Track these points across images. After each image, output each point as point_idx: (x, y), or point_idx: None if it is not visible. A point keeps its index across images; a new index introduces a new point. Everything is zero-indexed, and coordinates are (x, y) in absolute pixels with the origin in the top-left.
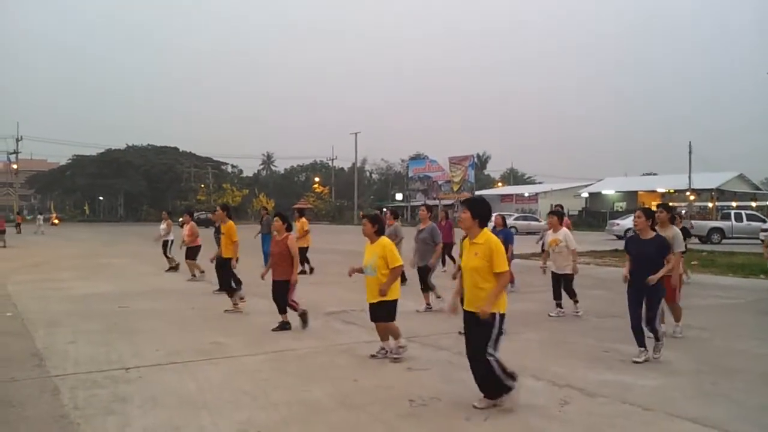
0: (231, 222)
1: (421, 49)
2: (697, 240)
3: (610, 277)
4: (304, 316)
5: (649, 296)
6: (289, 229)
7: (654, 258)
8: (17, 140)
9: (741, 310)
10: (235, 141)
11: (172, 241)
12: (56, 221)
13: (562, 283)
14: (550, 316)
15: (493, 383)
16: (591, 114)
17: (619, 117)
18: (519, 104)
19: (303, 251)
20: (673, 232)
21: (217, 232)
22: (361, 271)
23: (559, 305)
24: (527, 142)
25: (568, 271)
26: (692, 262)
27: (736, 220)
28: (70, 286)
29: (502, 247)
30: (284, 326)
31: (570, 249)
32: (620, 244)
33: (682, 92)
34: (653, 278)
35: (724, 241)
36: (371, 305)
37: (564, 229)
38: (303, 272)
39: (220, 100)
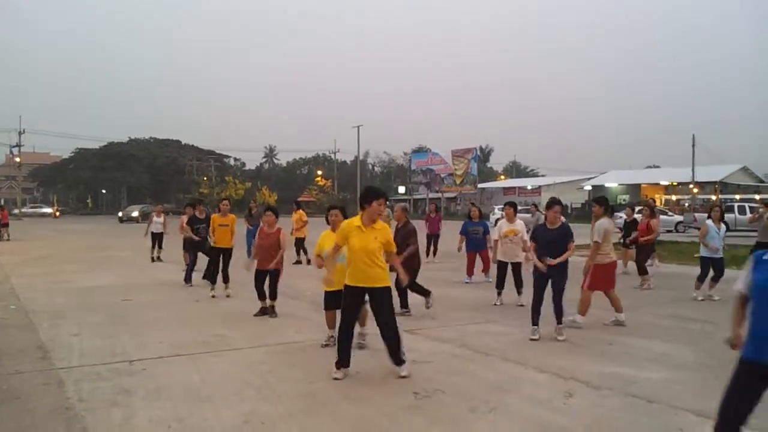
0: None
1: (423, 40)
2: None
3: None
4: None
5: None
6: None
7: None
8: (20, 133)
9: None
10: (238, 134)
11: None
12: (57, 214)
13: (513, 271)
14: (495, 305)
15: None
16: (595, 106)
17: (622, 109)
18: (522, 97)
19: (300, 241)
20: (598, 223)
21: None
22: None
23: (500, 294)
24: (530, 134)
25: (520, 260)
26: (695, 255)
27: (739, 213)
28: (74, 279)
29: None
30: (265, 311)
31: (523, 240)
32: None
33: (686, 84)
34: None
35: (727, 233)
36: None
37: (519, 221)
38: (299, 262)
39: (223, 92)
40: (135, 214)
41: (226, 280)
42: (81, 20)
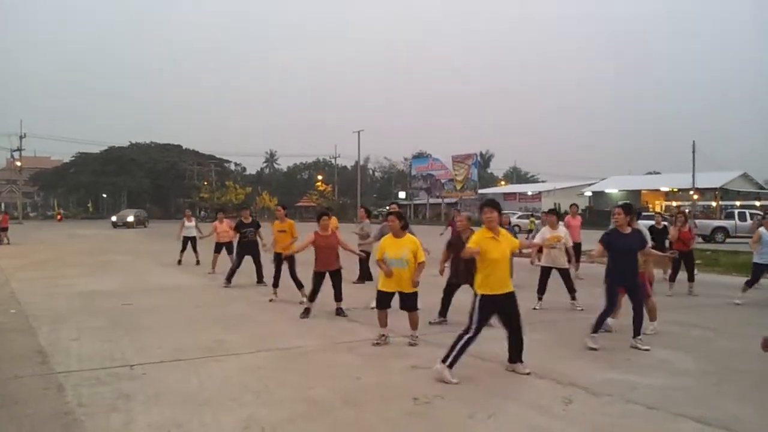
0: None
1: (424, 47)
2: (700, 239)
3: None
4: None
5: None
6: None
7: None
8: (21, 137)
9: (745, 309)
10: (239, 139)
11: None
12: (59, 217)
13: (563, 277)
14: (534, 309)
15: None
16: (595, 113)
17: (623, 116)
18: (522, 103)
19: None
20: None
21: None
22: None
23: (541, 299)
24: (531, 140)
25: (566, 266)
26: (696, 261)
27: (739, 219)
28: (75, 283)
29: None
30: (309, 312)
31: (567, 246)
32: None
33: (686, 91)
34: None
35: (728, 240)
36: (404, 294)
37: (562, 227)
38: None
39: (224, 98)
40: (130, 219)
41: (299, 285)
42: (82, 25)
